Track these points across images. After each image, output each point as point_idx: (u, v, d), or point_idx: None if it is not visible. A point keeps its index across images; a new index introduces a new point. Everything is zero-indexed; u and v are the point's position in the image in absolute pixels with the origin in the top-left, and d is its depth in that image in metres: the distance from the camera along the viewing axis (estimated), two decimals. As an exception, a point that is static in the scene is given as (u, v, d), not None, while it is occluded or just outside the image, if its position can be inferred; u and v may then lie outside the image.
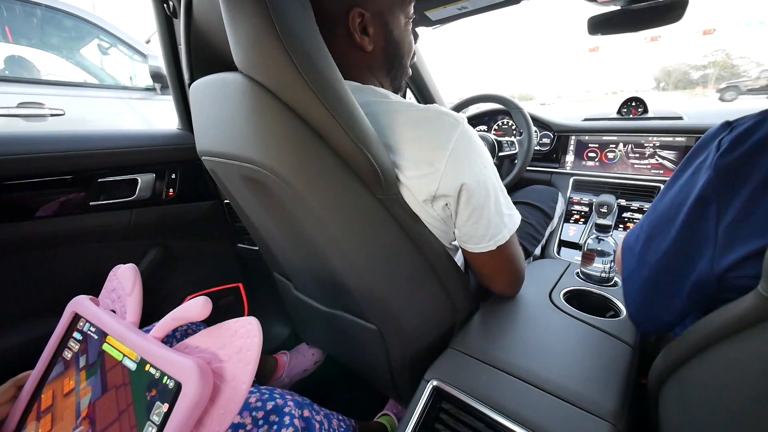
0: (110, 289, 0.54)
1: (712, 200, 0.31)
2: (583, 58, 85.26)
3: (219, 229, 1.01)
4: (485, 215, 0.49)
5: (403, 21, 0.53)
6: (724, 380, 0.32)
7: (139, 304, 0.49)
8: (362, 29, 0.49)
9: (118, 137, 0.81)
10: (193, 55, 0.56)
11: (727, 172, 0.30)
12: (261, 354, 0.96)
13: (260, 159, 0.44)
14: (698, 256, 0.33)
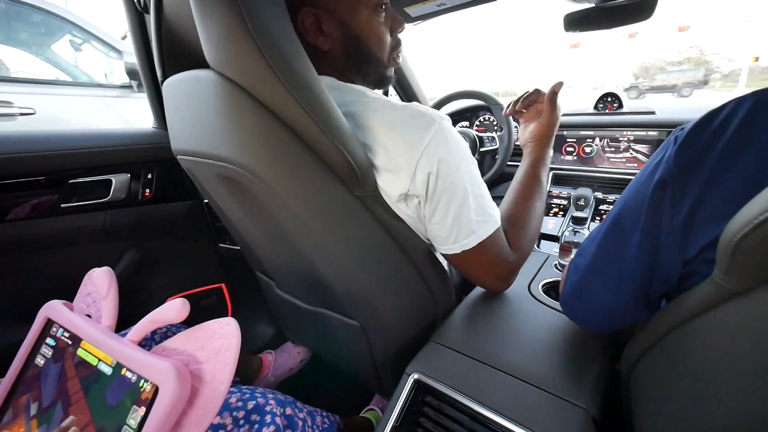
0: (85, 293, 0.53)
1: (670, 188, 0.33)
2: (564, 54, 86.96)
3: (199, 229, 1.00)
4: (449, 216, 0.48)
5: (366, 14, 0.50)
6: (685, 362, 0.34)
7: (114, 307, 0.48)
8: (316, 29, 0.47)
9: (91, 137, 0.79)
10: (165, 51, 0.54)
11: (683, 163, 0.32)
12: (245, 354, 0.96)
13: (235, 157, 0.43)
14: (660, 244, 0.35)
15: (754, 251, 0.24)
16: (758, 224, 0.23)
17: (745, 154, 0.28)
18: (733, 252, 0.25)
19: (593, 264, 0.43)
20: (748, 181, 0.27)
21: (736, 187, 0.28)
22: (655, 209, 0.34)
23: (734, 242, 0.25)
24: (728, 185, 0.29)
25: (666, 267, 0.35)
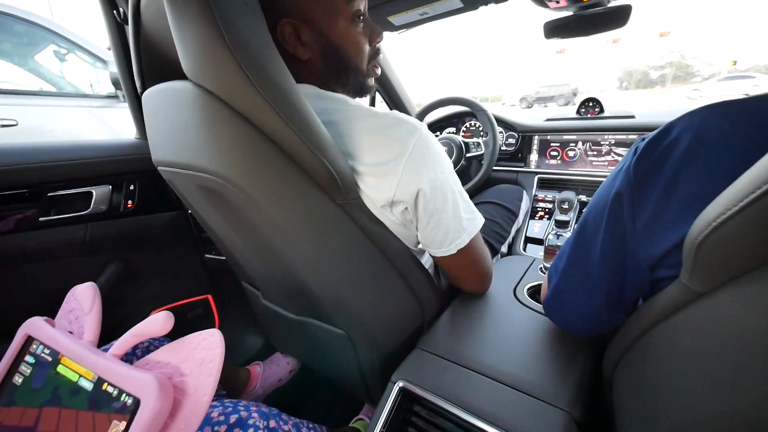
0: (67, 310, 0.52)
1: (627, 198, 0.34)
2: (551, 59, 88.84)
3: (184, 240, 0.98)
4: (444, 220, 0.50)
5: (344, 24, 0.50)
6: (659, 363, 0.34)
7: (97, 322, 0.47)
8: (295, 39, 0.48)
9: (70, 149, 0.78)
10: (144, 62, 0.54)
11: (641, 173, 0.33)
12: (233, 366, 0.95)
13: (214, 168, 0.43)
14: (626, 250, 0.35)
15: (714, 252, 0.25)
16: (716, 227, 0.23)
17: (701, 162, 0.30)
18: (695, 254, 0.26)
19: (567, 268, 0.44)
20: (705, 186, 0.28)
21: (695, 192, 0.29)
22: (614, 217, 0.36)
23: (696, 244, 0.25)
24: (687, 190, 0.30)
25: (634, 272, 0.36)
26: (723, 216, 0.23)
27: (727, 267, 0.24)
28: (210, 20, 0.35)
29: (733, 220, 0.22)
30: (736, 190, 0.22)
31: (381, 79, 1.34)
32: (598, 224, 0.38)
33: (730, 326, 0.25)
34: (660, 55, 41.67)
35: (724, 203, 0.23)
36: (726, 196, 0.23)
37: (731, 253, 0.24)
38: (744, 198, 0.21)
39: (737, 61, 31.38)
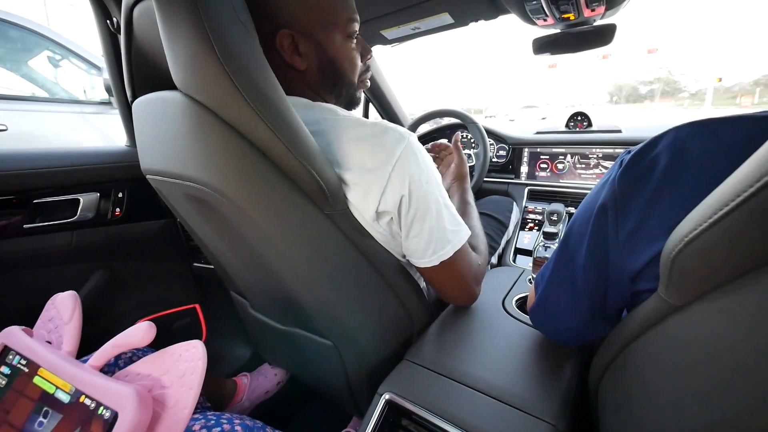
0: (47, 319, 0.51)
1: (612, 210, 0.35)
2: (543, 73, 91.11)
3: (173, 249, 0.97)
4: (425, 230, 0.50)
5: (340, 39, 0.52)
6: (641, 376, 0.35)
7: (77, 332, 0.47)
8: (293, 49, 0.49)
9: (58, 156, 0.77)
10: (135, 72, 0.54)
11: (626, 185, 0.34)
12: (218, 378, 0.93)
13: (202, 178, 0.43)
14: (609, 261, 0.36)
15: (688, 267, 0.25)
16: (689, 241, 0.24)
17: (683, 177, 0.30)
18: (670, 268, 0.26)
19: (552, 277, 0.44)
20: (686, 200, 0.29)
21: (675, 207, 0.30)
22: (598, 228, 0.36)
23: (671, 258, 0.26)
24: (668, 205, 0.31)
25: (616, 283, 0.36)
26: (695, 231, 0.23)
27: (700, 281, 0.25)
28: (201, 32, 0.36)
29: (704, 235, 0.23)
30: (708, 206, 0.23)
31: (374, 90, 1.36)
32: (583, 234, 0.38)
33: (705, 340, 0.26)
34: (648, 70, 42.96)
35: (696, 218, 0.24)
36: (698, 212, 0.24)
37: (704, 268, 0.24)
38: (714, 214, 0.22)
39: (722, 78, 32.57)
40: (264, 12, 0.46)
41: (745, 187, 0.20)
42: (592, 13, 0.81)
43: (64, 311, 0.47)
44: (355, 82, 0.57)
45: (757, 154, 0.20)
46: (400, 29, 1.00)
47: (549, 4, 0.77)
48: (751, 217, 0.20)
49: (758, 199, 0.19)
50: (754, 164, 0.20)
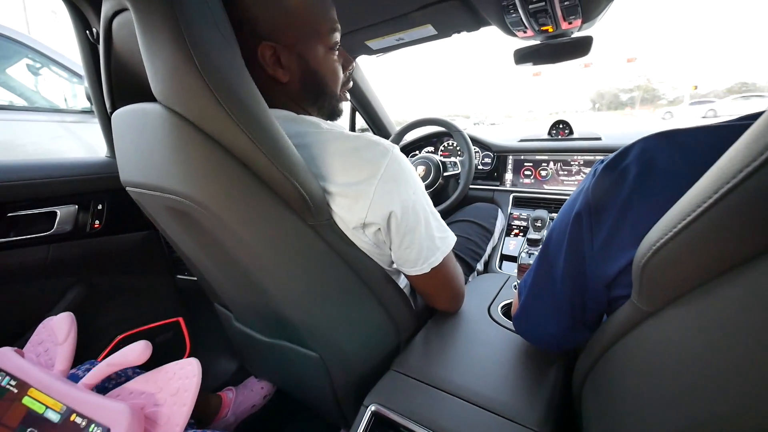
0: (36, 342, 0.51)
1: (586, 219, 0.36)
2: (528, 82, 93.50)
3: (155, 261, 0.95)
4: (416, 240, 0.51)
5: (322, 51, 0.52)
6: (620, 381, 0.35)
7: (71, 352, 0.48)
8: (275, 61, 0.49)
9: (34, 167, 0.75)
10: (114, 83, 0.54)
11: (599, 195, 0.35)
12: (203, 393, 0.90)
13: (183, 190, 0.43)
14: (586, 269, 0.37)
15: (656, 274, 0.26)
16: (656, 250, 0.25)
17: (651, 187, 0.31)
18: (641, 275, 0.27)
19: (533, 284, 0.45)
20: (655, 210, 0.30)
21: (645, 216, 0.30)
22: (575, 237, 0.37)
23: (640, 266, 0.27)
24: (638, 214, 0.32)
25: (594, 291, 0.37)
26: (661, 240, 0.24)
27: (669, 288, 0.26)
28: (180, 44, 0.36)
29: (670, 244, 0.24)
30: (672, 215, 0.24)
31: (360, 99, 1.37)
32: (561, 242, 0.39)
33: (676, 345, 0.26)
34: (628, 79, 44.40)
35: (662, 228, 0.25)
36: (664, 221, 0.25)
37: (671, 275, 0.25)
38: (678, 223, 0.23)
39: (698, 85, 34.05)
40: (245, 24, 0.46)
41: (704, 198, 0.21)
42: (570, 26, 0.83)
43: (60, 332, 0.48)
44: (337, 93, 0.57)
45: (716, 166, 0.21)
46: (385, 40, 1.02)
47: (528, 16, 0.80)
48: (710, 226, 0.21)
49: (716, 210, 0.20)
50: (712, 176, 0.21)
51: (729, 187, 0.19)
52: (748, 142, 0.18)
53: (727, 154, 0.20)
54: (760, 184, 0.18)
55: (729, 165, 0.19)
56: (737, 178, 0.18)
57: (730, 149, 0.20)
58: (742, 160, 0.18)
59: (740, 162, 0.18)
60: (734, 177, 0.19)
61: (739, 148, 0.19)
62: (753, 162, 0.18)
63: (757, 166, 0.17)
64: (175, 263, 0.98)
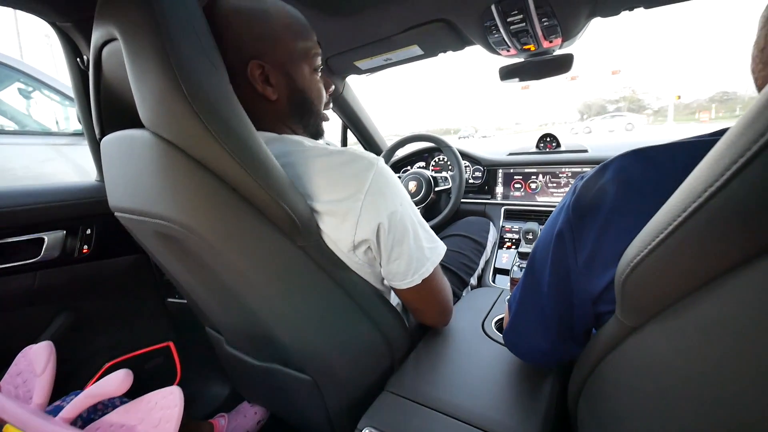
0: (15, 373, 0.49)
1: (568, 237, 0.36)
2: (516, 95, 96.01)
3: (145, 285, 0.94)
4: (406, 251, 0.51)
5: (308, 71, 0.54)
6: (611, 394, 0.35)
7: (49, 384, 0.46)
8: (264, 80, 0.50)
9: (21, 194, 0.74)
10: (103, 110, 0.54)
11: (579, 213, 0.35)
12: (194, 421, 0.88)
13: (171, 215, 0.43)
14: (571, 285, 0.37)
15: (635, 290, 0.26)
16: (633, 266, 0.25)
17: (629, 205, 0.32)
18: (621, 292, 0.27)
19: (522, 300, 0.45)
20: (633, 227, 0.30)
21: (624, 234, 0.31)
22: (558, 254, 0.38)
23: (620, 282, 0.27)
24: (618, 232, 0.32)
25: (581, 306, 0.37)
26: (638, 257, 0.25)
27: (648, 303, 0.26)
28: (168, 72, 0.36)
29: (646, 261, 0.24)
30: (647, 233, 0.25)
31: (351, 117, 1.39)
32: (545, 259, 0.40)
33: (658, 360, 0.26)
34: (614, 90, 45.65)
35: (638, 245, 0.25)
36: (640, 239, 0.25)
37: (649, 291, 0.25)
38: (652, 240, 0.23)
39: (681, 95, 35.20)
40: (235, 44, 0.48)
41: (674, 216, 0.21)
42: (551, 44, 0.86)
43: (38, 363, 0.46)
44: (321, 112, 0.59)
45: (684, 185, 0.22)
46: (373, 60, 1.04)
47: (510, 36, 0.82)
48: (681, 244, 0.21)
49: (685, 228, 0.21)
50: (680, 194, 0.21)
51: (695, 206, 0.19)
52: (710, 162, 0.19)
53: (693, 173, 0.21)
54: (723, 203, 0.18)
55: (694, 184, 0.20)
56: (702, 198, 0.19)
57: (696, 168, 0.21)
58: (705, 180, 0.19)
59: (704, 182, 0.19)
60: (699, 196, 0.19)
61: (702, 168, 0.20)
62: (715, 182, 0.18)
63: (719, 186, 0.18)
64: (165, 286, 0.97)
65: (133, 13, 0.38)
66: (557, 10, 0.73)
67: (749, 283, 0.19)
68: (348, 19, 0.85)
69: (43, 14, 0.69)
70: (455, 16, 0.82)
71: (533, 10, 0.73)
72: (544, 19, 0.75)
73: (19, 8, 0.66)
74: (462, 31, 0.87)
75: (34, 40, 9.62)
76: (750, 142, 0.16)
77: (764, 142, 0.16)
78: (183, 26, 0.39)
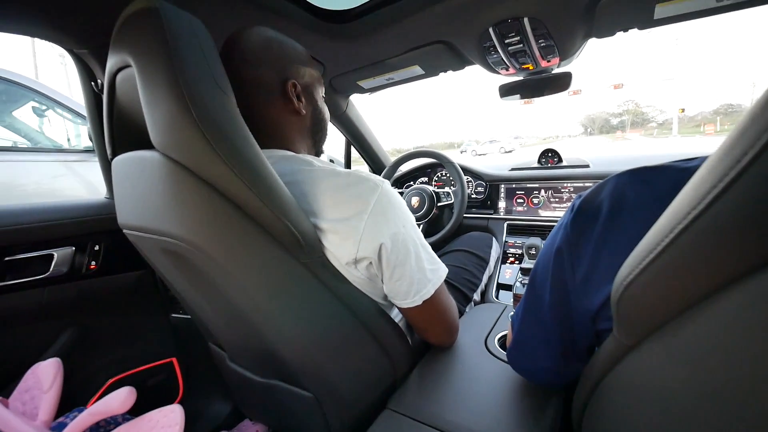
0: (23, 390, 0.50)
1: (567, 254, 0.37)
2: (519, 109, 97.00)
3: (150, 301, 0.95)
4: (407, 272, 0.52)
5: (321, 95, 0.63)
6: (614, 412, 0.35)
7: (55, 401, 0.46)
8: (297, 97, 0.57)
9: (32, 211, 0.76)
10: (116, 131, 0.56)
11: (577, 230, 0.36)
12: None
13: (178, 233, 0.44)
14: (570, 302, 0.37)
15: (629, 309, 0.27)
16: (627, 285, 0.26)
17: (623, 223, 0.33)
18: (616, 311, 0.28)
19: (524, 317, 0.45)
20: (627, 246, 0.31)
21: (618, 252, 0.31)
22: (558, 271, 0.38)
23: (615, 301, 0.27)
24: (612, 250, 0.33)
25: (580, 323, 0.37)
26: (630, 276, 0.25)
27: (642, 322, 0.26)
28: (178, 97, 0.38)
29: (638, 279, 0.25)
30: (638, 252, 0.25)
31: (355, 134, 1.42)
32: (545, 277, 0.40)
33: (655, 378, 0.27)
34: (617, 104, 45.94)
35: (630, 264, 0.26)
36: (632, 257, 0.26)
37: (642, 309, 0.26)
38: (643, 259, 0.24)
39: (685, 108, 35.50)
40: (275, 66, 0.55)
41: (662, 237, 0.22)
42: (549, 64, 0.88)
43: (45, 379, 0.47)
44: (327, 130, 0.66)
45: (671, 207, 0.22)
46: (376, 80, 1.07)
47: (508, 57, 0.85)
48: (669, 264, 0.22)
49: (673, 248, 0.21)
50: (669, 215, 0.22)
51: (681, 228, 0.20)
52: (694, 185, 0.20)
53: (679, 196, 0.21)
54: (706, 225, 0.19)
55: (680, 207, 0.21)
56: (687, 220, 0.20)
57: (681, 191, 0.21)
58: (689, 203, 0.20)
59: (688, 204, 0.20)
60: (684, 218, 0.20)
61: (687, 191, 0.21)
62: (698, 205, 0.19)
63: (702, 210, 0.19)
64: (170, 301, 0.97)
65: (147, 42, 0.41)
66: (553, 32, 0.75)
67: (735, 303, 0.19)
68: (351, 43, 0.88)
69: (62, 42, 0.72)
70: (454, 38, 0.85)
71: (530, 32, 0.75)
72: (541, 40, 0.77)
73: (40, 37, 0.69)
74: (461, 52, 0.89)
75: (49, 59, 9.96)
76: (728, 168, 0.17)
77: (741, 168, 0.17)
78: (193, 54, 0.41)
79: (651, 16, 0.72)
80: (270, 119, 0.56)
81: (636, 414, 0.30)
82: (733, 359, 0.20)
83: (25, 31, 0.68)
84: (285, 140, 0.57)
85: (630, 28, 0.76)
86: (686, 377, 0.23)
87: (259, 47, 0.55)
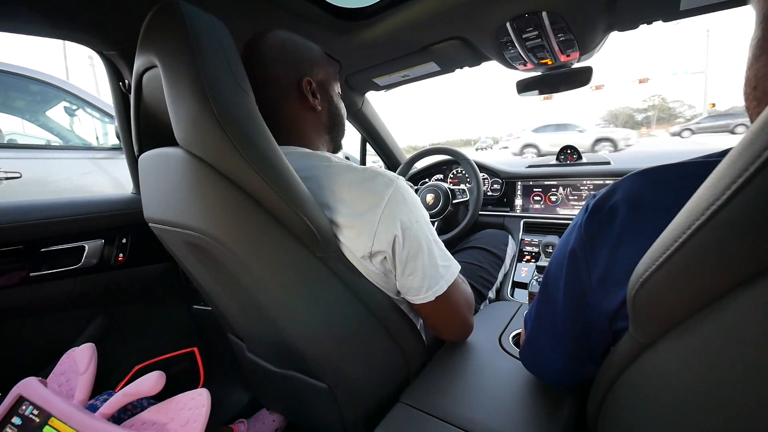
0: (59, 372, 0.54)
1: (582, 255, 0.36)
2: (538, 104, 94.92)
3: (173, 292, 0.99)
4: (419, 268, 0.52)
5: (337, 92, 0.65)
6: (629, 412, 0.35)
7: (90, 383, 0.49)
8: (312, 94, 0.59)
9: (65, 205, 0.81)
10: (142, 129, 0.59)
11: (592, 232, 0.36)
12: (216, 425, 0.90)
13: (200, 226, 0.46)
14: (587, 303, 0.37)
15: (645, 306, 0.26)
16: (643, 282, 0.25)
17: (641, 223, 0.32)
18: (632, 308, 0.28)
19: (537, 317, 0.45)
20: (645, 245, 0.30)
21: (636, 251, 0.31)
22: (572, 272, 0.38)
23: (631, 298, 0.27)
24: (629, 250, 0.32)
25: (597, 324, 0.37)
26: (647, 273, 0.25)
27: (658, 319, 0.26)
28: (201, 96, 0.40)
29: (654, 276, 0.24)
30: (655, 249, 0.25)
31: (371, 131, 1.43)
32: (558, 278, 0.40)
33: (672, 376, 0.26)
34: (642, 99, 44.13)
35: (647, 261, 0.25)
36: (649, 254, 0.26)
37: (659, 307, 0.25)
38: (660, 256, 0.24)
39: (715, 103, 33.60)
40: (292, 65, 0.58)
41: (679, 234, 0.22)
42: (568, 58, 0.87)
43: (81, 362, 0.50)
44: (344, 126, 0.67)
45: (689, 202, 0.22)
46: (391, 77, 1.07)
47: (526, 52, 0.83)
48: (686, 260, 0.22)
49: (690, 245, 0.21)
50: (686, 212, 0.22)
51: (699, 224, 0.20)
52: (713, 181, 0.20)
53: (697, 192, 0.21)
54: (725, 221, 0.19)
55: (698, 203, 0.20)
56: (705, 216, 0.19)
57: (700, 187, 0.21)
58: (708, 199, 0.19)
59: (706, 200, 0.19)
60: (702, 214, 0.20)
61: (706, 187, 0.20)
62: (717, 201, 0.19)
63: (720, 205, 0.19)
64: (192, 293, 1.01)
65: (171, 44, 0.43)
66: (573, 25, 0.73)
67: (756, 300, 0.19)
68: (366, 40, 0.89)
69: (92, 44, 0.76)
70: (471, 34, 0.84)
71: (548, 26, 0.74)
72: (560, 35, 0.76)
73: (72, 40, 0.73)
74: (478, 47, 0.88)
75: (79, 61, 10.41)
76: (748, 163, 0.17)
77: (761, 163, 0.16)
78: (215, 54, 0.42)
79: (677, 7, 0.69)
80: (287, 116, 0.58)
81: (651, 414, 0.29)
82: (755, 358, 0.20)
83: (60, 35, 0.72)
84: (302, 137, 0.59)
85: (654, 21, 0.73)
86: (704, 376, 0.23)
87: (276, 49, 0.57)
